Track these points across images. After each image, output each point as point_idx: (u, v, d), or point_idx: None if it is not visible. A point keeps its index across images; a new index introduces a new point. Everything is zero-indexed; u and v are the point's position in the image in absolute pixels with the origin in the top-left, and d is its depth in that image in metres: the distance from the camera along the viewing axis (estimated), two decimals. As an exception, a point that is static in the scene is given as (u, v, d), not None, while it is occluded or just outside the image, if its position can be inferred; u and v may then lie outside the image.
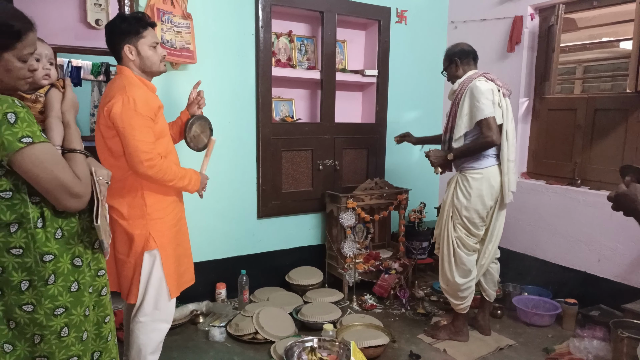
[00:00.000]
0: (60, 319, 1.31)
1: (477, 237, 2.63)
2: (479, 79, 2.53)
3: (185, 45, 2.82)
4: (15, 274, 1.24)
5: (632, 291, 2.80)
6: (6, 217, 1.22)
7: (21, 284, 1.25)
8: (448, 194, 2.67)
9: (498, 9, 3.57)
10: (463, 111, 2.55)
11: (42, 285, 1.27)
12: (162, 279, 2.01)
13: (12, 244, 1.23)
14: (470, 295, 2.66)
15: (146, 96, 1.93)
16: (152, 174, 1.90)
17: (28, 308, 1.27)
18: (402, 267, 3.35)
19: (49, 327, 1.29)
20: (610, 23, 3.22)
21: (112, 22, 1.99)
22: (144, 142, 1.87)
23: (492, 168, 2.55)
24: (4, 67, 1.20)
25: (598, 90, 4.13)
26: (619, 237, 2.89)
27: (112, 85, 1.94)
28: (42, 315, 1.28)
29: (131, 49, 1.94)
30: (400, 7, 3.75)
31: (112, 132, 1.88)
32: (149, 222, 1.97)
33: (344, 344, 2.41)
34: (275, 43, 3.42)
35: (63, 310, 1.32)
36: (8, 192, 1.22)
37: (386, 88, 3.77)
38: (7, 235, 1.23)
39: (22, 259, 1.25)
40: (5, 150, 1.17)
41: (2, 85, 1.23)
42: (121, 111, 1.84)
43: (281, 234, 3.46)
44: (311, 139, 3.47)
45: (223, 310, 2.99)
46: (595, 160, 3.15)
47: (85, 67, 4.47)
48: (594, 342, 2.56)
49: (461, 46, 2.69)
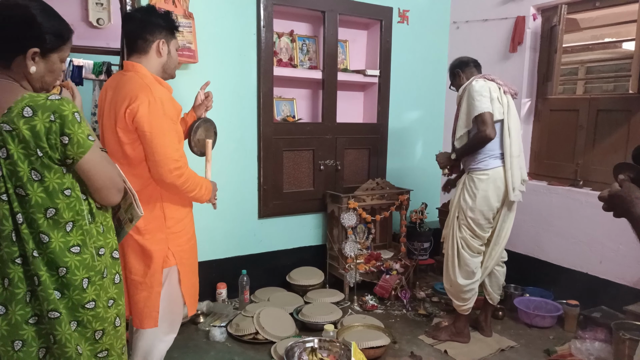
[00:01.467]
0: (112, 310, 1.37)
1: (482, 239, 2.61)
2: (477, 79, 2.56)
3: (187, 45, 2.81)
4: (78, 273, 1.26)
5: (634, 293, 2.79)
6: (67, 215, 1.25)
7: (83, 281, 1.28)
8: (456, 195, 2.69)
9: (500, 9, 3.56)
10: (462, 111, 2.60)
11: (99, 280, 1.32)
12: (179, 297, 1.89)
13: (71, 243, 1.26)
14: (473, 297, 2.65)
15: (169, 97, 1.78)
16: (180, 184, 1.74)
17: (90, 305, 1.30)
18: (404, 268, 3.34)
19: (107, 320, 1.34)
20: (613, 24, 3.21)
21: (147, 12, 1.82)
22: (174, 148, 1.71)
23: (499, 169, 2.54)
24: (49, 68, 1.27)
25: (600, 91, 4.12)
26: (621, 238, 2.88)
27: (128, 85, 1.71)
28: (102, 309, 1.32)
29: (164, 45, 1.80)
30: (402, 7, 3.74)
31: (132, 136, 1.69)
32: (168, 236, 1.80)
33: (345, 344, 2.40)
34: (276, 43, 3.41)
35: (112, 301, 1.37)
36: (68, 190, 1.25)
37: (388, 88, 3.76)
38: (65, 235, 1.25)
39: (81, 257, 1.27)
40: (81, 148, 1.22)
41: (42, 85, 1.29)
42: (149, 114, 1.65)
43: (282, 234, 3.45)
44: (312, 138, 3.47)
45: (224, 310, 2.99)
46: (597, 161, 3.14)
47: (86, 67, 4.46)
48: (595, 343, 2.55)
49: (460, 59, 2.77)
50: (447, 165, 2.75)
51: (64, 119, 1.18)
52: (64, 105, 1.19)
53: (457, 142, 2.66)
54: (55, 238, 1.23)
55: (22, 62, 1.22)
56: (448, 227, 2.71)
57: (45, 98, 1.19)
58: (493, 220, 2.60)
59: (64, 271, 1.24)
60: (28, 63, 1.22)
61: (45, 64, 1.26)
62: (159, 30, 1.80)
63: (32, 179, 1.19)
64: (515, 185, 2.55)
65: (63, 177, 1.23)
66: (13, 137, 1.15)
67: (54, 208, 1.22)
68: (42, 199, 1.20)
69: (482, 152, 2.55)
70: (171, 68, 1.88)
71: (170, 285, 1.85)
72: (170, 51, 1.85)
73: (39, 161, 1.19)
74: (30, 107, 1.16)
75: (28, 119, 1.15)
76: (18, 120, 1.15)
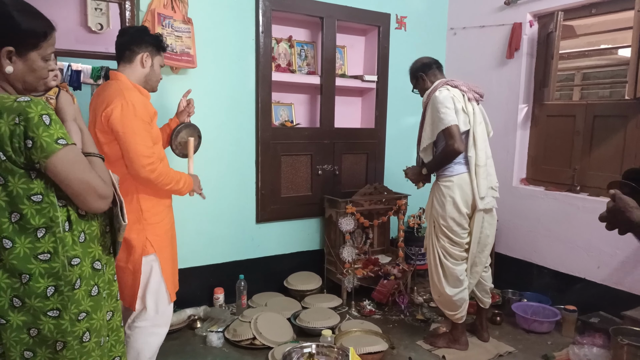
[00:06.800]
0: (82, 324, 1.28)
1: (461, 246, 2.57)
2: (440, 88, 2.52)
3: (186, 50, 2.82)
4: (42, 280, 1.21)
5: (631, 298, 2.79)
6: (35, 221, 1.19)
7: (47, 289, 1.22)
8: (428, 204, 2.67)
9: (497, 15, 3.59)
10: (427, 122, 2.56)
11: (69, 290, 1.25)
12: (160, 284, 2.02)
13: (39, 249, 1.20)
14: (465, 304, 2.62)
15: (143, 101, 1.96)
16: (154, 178, 1.91)
17: (53, 314, 1.23)
18: (401, 273, 3.34)
19: (72, 333, 1.26)
20: (609, 30, 3.24)
21: (138, 30, 2.09)
22: (145, 146, 1.89)
23: (464, 175, 2.51)
24: (29, 67, 1.22)
25: (597, 97, 4.15)
26: (618, 243, 2.89)
27: (107, 90, 1.94)
28: (67, 321, 1.25)
29: (147, 58, 2.02)
30: (400, 14, 3.77)
31: (109, 137, 1.88)
32: (145, 227, 1.97)
33: (343, 350, 2.39)
34: (275, 48, 3.42)
35: (85, 314, 1.29)
36: (38, 196, 1.19)
37: (385, 93, 3.78)
38: (34, 241, 1.20)
39: (50, 264, 1.22)
40: (44, 152, 1.15)
41: (24, 86, 1.24)
42: (121, 116, 1.84)
43: (280, 238, 3.45)
44: (310, 143, 3.47)
45: (221, 315, 2.97)
46: (594, 167, 3.15)
47: (85, 71, 4.46)
48: (593, 349, 2.54)
49: (422, 61, 2.72)
50: (419, 180, 2.71)
51: (29, 121, 1.12)
52: (30, 107, 1.13)
53: (422, 152, 2.63)
54: (21, 244, 1.18)
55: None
56: (427, 237, 2.69)
57: (13, 100, 1.14)
58: (468, 225, 2.56)
59: (26, 278, 1.19)
60: (3, 63, 1.16)
61: (24, 63, 1.20)
62: (146, 45, 2.02)
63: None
64: (483, 194, 2.52)
65: (31, 182, 1.17)
66: None
67: (18, 213, 1.17)
68: (5, 203, 1.16)
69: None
70: (153, 81, 2.09)
71: (153, 274, 1.99)
72: (154, 64, 2.06)
73: (2, 165, 1.14)
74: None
75: None
76: None
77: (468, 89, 2.57)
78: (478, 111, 2.58)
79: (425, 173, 2.65)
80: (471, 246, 2.58)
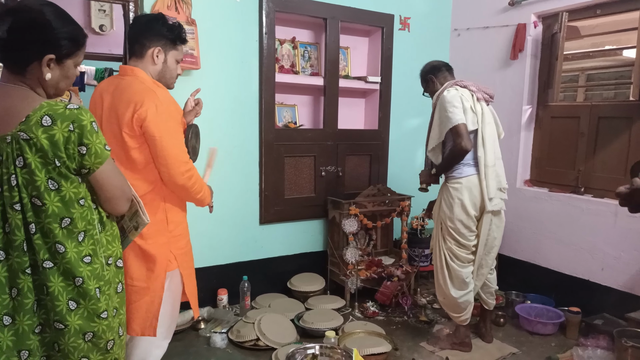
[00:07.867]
0: (117, 320, 1.35)
1: (468, 248, 2.57)
2: (449, 88, 2.52)
3: (189, 51, 2.83)
4: (91, 283, 1.24)
5: (636, 300, 2.78)
6: (80, 225, 1.23)
7: (96, 291, 1.25)
8: (436, 206, 2.67)
9: (501, 16, 3.58)
10: (435, 122, 2.56)
11: (108, 289, 1.30)
12: (178, 302, 1.90)
13: (83, 253, 1.24)
14: (469, 307, 2.62)
15: (173, 100, 1.79)
16: (190, 185, 1.76)
17: (104, 315, 1.28)
18: (405, 274, 3.34)
19: (115, 329, 1.33)
20: (614, 31, 3.23)
21: (150, 19, 1.81)
22: (182, 150, 1.74)
23: (473, 177, 2.50)
24: (64, 74, 1.25)
25: (601, 98, 4.13)
26: (622, 245, 2.88)
27: (129, 89, 1.70)
28: (111, 318, 1.31)
29: (159, 54, 1.78)
30: (404, 15, 3.76)
31: (139, 140, 1.68)
32: (169, 239, 1.79)
33: (346, 351, 2.39)
34: (278, 49, 3.43)
35: (116, 310, 1.36)
36: (83, 200, 1.23)
37: (389, 95, 3.78)
38: (78, 245, 1.23)
39: (92, 266, 1.26)
40: (98, 159, 1.21)
41: (56, 92, 1.27)
42: (157, 118, 1.64)
43: (283, 240, 3.45)
44: (314, 145, 3.47)
45: (224, 316, 2.98)
46: (598, 168, 3.14)
47: (89, 73, 4.48)
48: (597, 351, 2.54)
49: (431, 63, 2.72)
50: (429, 182, 2.70)
51: (83, 128, 1.16)
52: (82, 115, 1.17)
53: (429, 153, 2.63)
54: (70, 248, 1.21)
55: (37, 68, 1.19)
56: (434, 238, 2.69)
57: (64, 107, 1.17)
58: (476, 228, 2.55)
59: (80, 281, 1.23)
60: (44, 70, 1.19)
61: (61, 70, 1.24)
62: (158, 38, 1.77)
63: (49, 189, 1.17)
64: (492, 195, 2.51)
65: (79, 186, 1.22)
66: (30, 146, 1.14)
67: (69, 217, 1.21)
68: (58, 209, 1.19)
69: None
70: (166, 78, 1.84)
71: (171, 290, 1.83)
72: (167, 60, 1.82)
73: (57, 170, 1.17)
74: (50, 116, 1.14)
75: (47, 128, 1.14)
76: (37, 129, 1.13)
77: (477, 89, 2.57)
78: (487, 111, 2.57)
79: (434, 173, 2.66)
80: (478, 248, 2.58)
